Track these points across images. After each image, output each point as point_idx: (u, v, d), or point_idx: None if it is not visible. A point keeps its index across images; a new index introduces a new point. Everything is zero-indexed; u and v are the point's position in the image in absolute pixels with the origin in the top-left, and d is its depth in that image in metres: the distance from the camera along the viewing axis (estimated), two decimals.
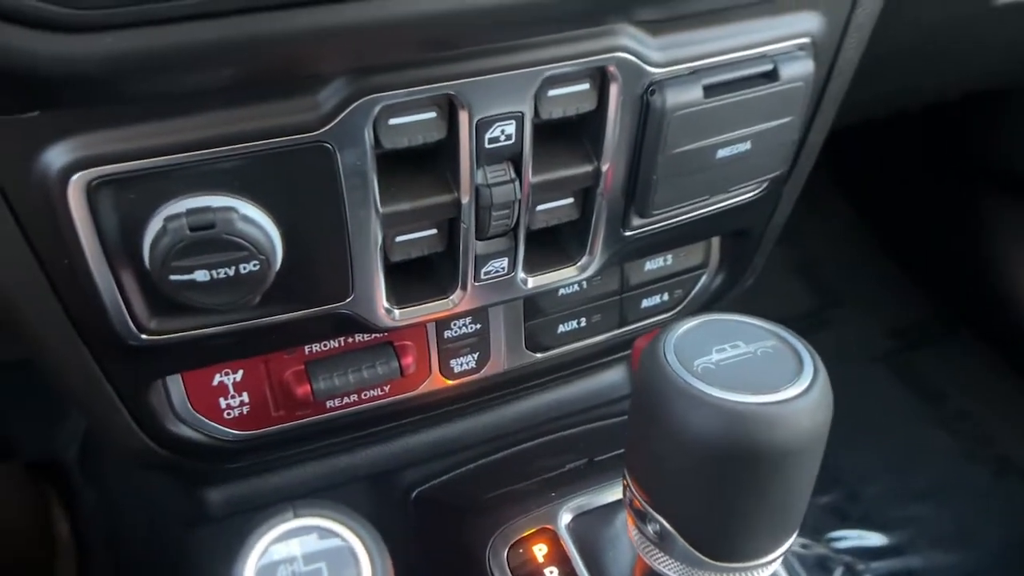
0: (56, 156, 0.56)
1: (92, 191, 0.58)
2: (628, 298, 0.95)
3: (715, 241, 0.97)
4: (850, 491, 1.91)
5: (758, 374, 0.60)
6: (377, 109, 0.62)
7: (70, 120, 0.56)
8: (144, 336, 0.67)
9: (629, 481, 0.67)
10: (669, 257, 0.95)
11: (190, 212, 0.59)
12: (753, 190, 0.84)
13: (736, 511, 0.61)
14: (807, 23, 0.75)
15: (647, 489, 0.65)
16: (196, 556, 0.99)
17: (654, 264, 0.94)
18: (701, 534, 0.64)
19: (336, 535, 0.64)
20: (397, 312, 0.75)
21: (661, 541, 0.66)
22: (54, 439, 1.58)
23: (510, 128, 0.67)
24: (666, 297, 0.97)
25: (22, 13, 0.45)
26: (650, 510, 0.65)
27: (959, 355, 2.13)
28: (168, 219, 0.59)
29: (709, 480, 0.60)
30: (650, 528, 0.66)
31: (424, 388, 0.90)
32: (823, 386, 0.59)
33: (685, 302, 0.99)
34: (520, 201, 0.71)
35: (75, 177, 0.57)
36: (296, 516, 0.63)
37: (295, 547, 0.63)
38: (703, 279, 0.99)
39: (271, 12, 0.52)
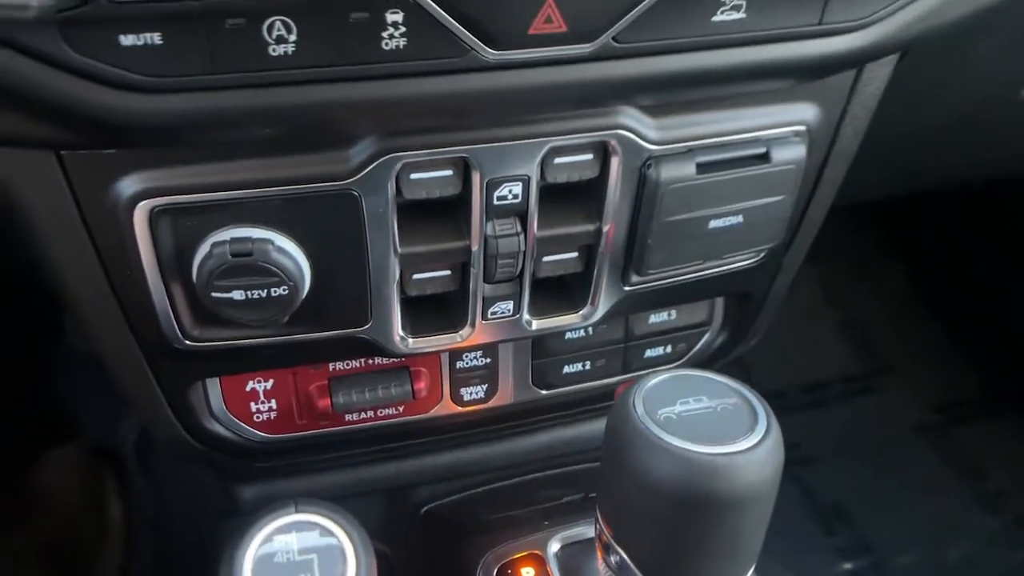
0: (127, 186, 0.67)
1: (154, 217, 0.68)
2: (632, 347, 1.00)
3: (719, 301, 1.02)
4: (878, 560, 1.88)
5: (715, 427, 0.64)
6: (399, 165, 0.70)
7: (140, 158, 0.66)
8: (188, 342, 0.77)
9: (598, 514, 0.73)
10: (673, 312, 0.99)
11: (233, 240, 0.69)
12: (749, 258, 0.89)
13: (687, 550, 0.66)
14: (801, 112, 0.80)
15: (610, 523, 0.71)
16: (221, 543, 1.08)
17: (658, 318, 0.99)
18: (655, 568, 0.69)
19: (331, 534, 0.73)
20: (411, 341, 0.83)
21: (621, 572, 0.71)
22: (115, 430, 1.69)
23: (517, 188, 0.74)
24: (669, 349, 1.02)
25: (108, 77, 0.56)
26: (613, 543, 0.71)
27: (1003, 434, 2.08)
28: (215, 245, 0.69)
29: (662, 519, 0.65)
30: (612, 559, 0.72)
31: (435, 412, 0.97)
32: (773, 442, 0.64)
33: (688, 356, 1.04)
34: (525, 252, 0.78)
35: (141, 204, 0.68)
36: (297, 511, 0.72)
37: (293, 540, 0.71)
38: (706, 336, 1.04)
39: (311, 85, 0.60)
